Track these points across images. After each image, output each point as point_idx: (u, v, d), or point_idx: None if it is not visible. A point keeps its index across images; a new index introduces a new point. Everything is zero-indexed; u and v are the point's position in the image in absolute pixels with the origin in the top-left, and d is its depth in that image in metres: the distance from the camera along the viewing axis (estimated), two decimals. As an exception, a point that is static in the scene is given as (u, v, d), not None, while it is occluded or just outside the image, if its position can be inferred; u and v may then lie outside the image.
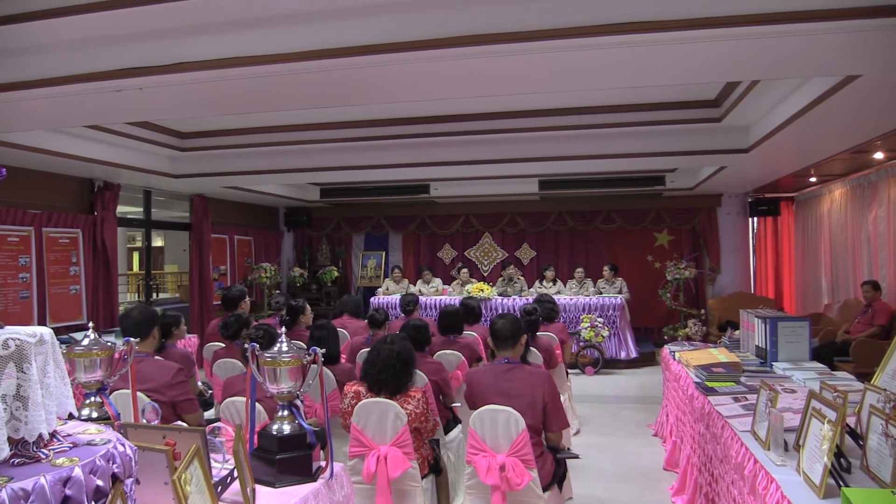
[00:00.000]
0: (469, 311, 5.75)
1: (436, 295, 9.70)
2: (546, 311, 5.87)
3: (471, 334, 5.31)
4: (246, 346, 2.51)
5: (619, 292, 9.31)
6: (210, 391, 4.79)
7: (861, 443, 2.36)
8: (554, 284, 9.72)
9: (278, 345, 2.41)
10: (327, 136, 6.95)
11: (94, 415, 2.30)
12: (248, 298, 6.05)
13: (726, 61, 3.57)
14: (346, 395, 3.32)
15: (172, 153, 7.42)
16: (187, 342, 6.54)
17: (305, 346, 2.47)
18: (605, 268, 9.67)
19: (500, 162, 7.22)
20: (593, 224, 10.92)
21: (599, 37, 3.11)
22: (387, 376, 3.22)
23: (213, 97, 4.27)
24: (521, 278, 9.89)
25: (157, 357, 3.67)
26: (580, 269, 9.77)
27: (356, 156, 7.44)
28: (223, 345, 4.94)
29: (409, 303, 6.22)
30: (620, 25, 3.05)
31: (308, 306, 5.83)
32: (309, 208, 11.86)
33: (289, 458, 2.33)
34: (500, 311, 8.82)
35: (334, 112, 6.39)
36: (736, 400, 3.47)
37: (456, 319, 5.06)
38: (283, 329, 2.54)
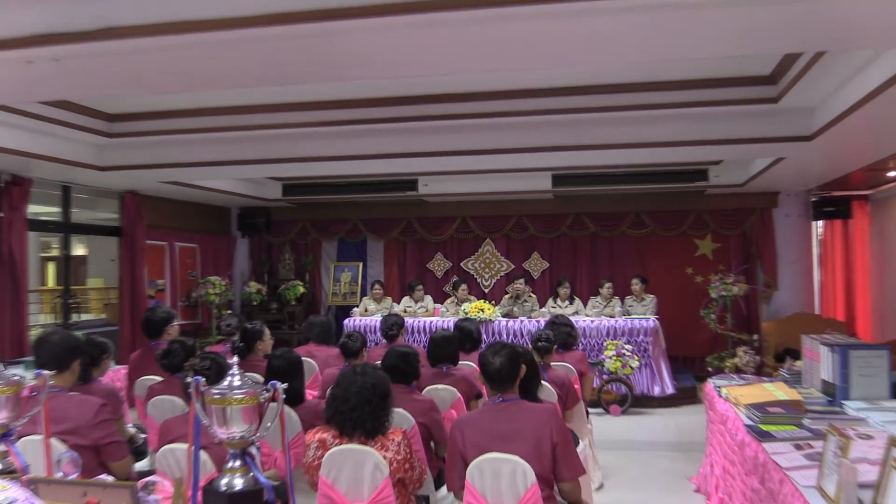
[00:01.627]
0: (466, 337, 5.74)
1: (425, 316, 9.70)
2: (562, 335, 5.87)
3: (468, 365, 5.30)
4: (189, 379, 2.49)
5: (651, 312, 9.32)
6: (143, 436, 4.76)
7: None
8: (571, 303, 9.72)
9: (229, 378, 2.41)
10: (291, 119, 6.92)
11: (-3, 467, 2.28)
12: (176, 322, 6.04)
13: (781, 29, 3.58)
14: (308, 446, 3.30)
15: (98, 140, 7.39)
16: (114, 375, 6.50)
17: (263, 380, 2.46)
18: (634, 281, 9.69)
19: (505, 152, 7.23)
20: (619, 229, 10.95)
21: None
22: (362, 413, 3.20)
23: (147, 71, 4.26)
24: (532, 296, 9.89)
25: (73, 392, 3.64)
26: (609, 284, 9.72)
27: (326, 144, 7.44)
28: (160, 378, 4.91)
29: (393, 326, 6.22)
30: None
31: (267, 330, 5.83)
32: (268, 209, 11.87)
33: (241, 520, 2.31)
34: (505, 337, 8.88)
35: (299, 91, 6.37)
36: (798, 447, 3.47)
37: (449, 347, 5.05)
38: (236, 358, 2.53)
